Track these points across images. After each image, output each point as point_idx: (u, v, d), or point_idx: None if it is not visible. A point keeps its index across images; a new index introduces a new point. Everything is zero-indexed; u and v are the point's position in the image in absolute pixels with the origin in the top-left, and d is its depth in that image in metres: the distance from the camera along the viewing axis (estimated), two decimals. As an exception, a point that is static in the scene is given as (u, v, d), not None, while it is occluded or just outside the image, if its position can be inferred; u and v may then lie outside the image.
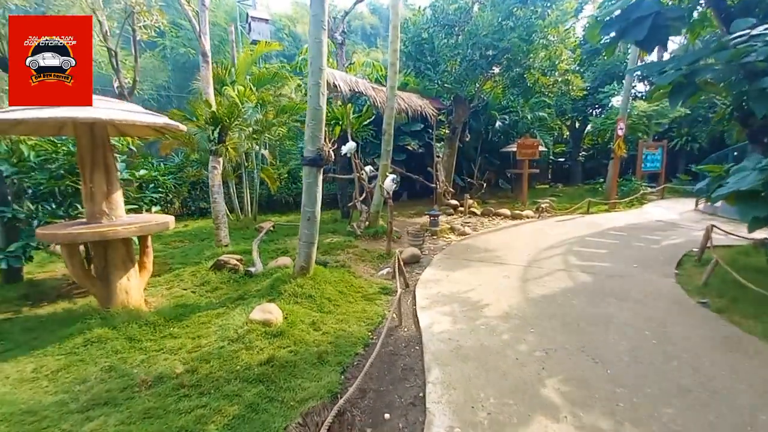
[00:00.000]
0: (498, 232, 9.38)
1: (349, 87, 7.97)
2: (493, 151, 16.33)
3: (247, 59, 9.12)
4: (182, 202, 11.28)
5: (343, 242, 7.51)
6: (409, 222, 10.77)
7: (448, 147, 12.46)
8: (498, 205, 13.30)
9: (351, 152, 8.33)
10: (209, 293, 5.20)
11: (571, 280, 5.74)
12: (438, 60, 10.25)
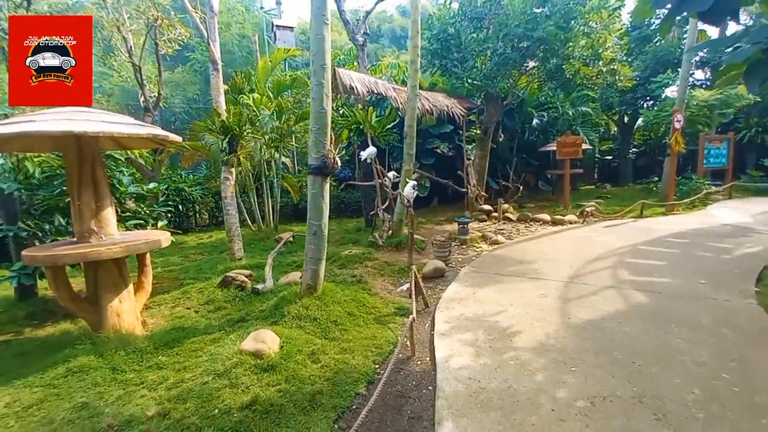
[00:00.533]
0: (535, 240, 8.48)
1: (367, 88, 7.49)
2: (530, 151, 15.25)
3: (266, 67, 8.94)
4: (209, 213, 11.32)
5: (363, 254, 6.99)
6: (438, 230, 10.08)
7: (479, 149, 11.66)
8: (536, 210, 12.28)
9: (372, 157, 7.82)
10: (211, 313, 4.86)
11: (623, 300, 4.85)
12: (465, 56, 9.55)
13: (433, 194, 14.20)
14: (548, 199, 15.00)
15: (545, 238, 8.63)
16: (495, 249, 7.84)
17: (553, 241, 8.24)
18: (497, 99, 11.28)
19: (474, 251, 7.86)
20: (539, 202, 14.06)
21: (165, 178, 10.31)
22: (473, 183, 11.19)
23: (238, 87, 8.42)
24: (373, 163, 8.02)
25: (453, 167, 13.23)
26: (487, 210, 11.24)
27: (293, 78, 8.97)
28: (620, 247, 7.43)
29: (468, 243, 8.32)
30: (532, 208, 12.64)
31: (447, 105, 9.50)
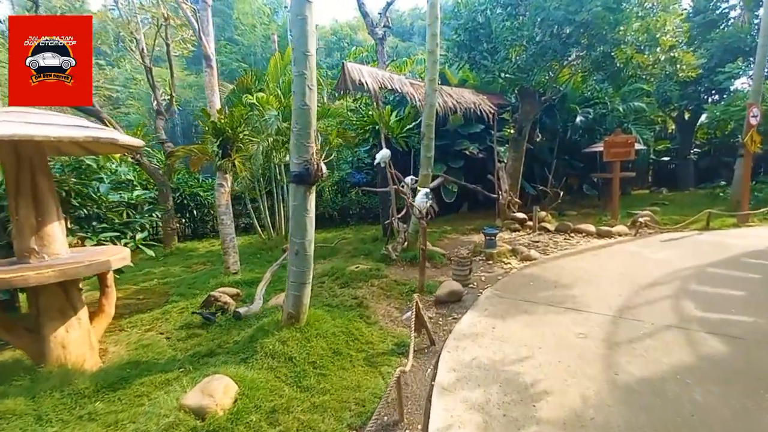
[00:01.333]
0: (576, 256, 7.28)
1: (379, 84, 6.69)
2: (573, 152, 13.78)
3: (277, 65, 8.39)
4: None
5: (371, 270, 6.19)
6: (463, 240, 9.07)
7: (513, 150, 10.50)
8: (579, 219, 10.92)
9: (385, 161, 7.01)
10: (181, 342, 4.25)
11: (690, 348, 3.71)
12: (497, 46, 8.50)
13: (463, 199, 13.15)
14: (594, 205, 13.47)
15: (588, 253, 7.41)
16: (526, 266, 6.76)
17: (597, 258, 7.01)
18: (534, 94, 10.08)
19: (501, 268, 6.82)
20: (583, 210, 12.62)
21: (180, 183, 10.10)
22: (505, 188, 10.06)
23: (245, 86, 7.94)
24: (387, 167, 7.20)
25: (484, 170, 12.09)
26: (520, 218, 10.06)
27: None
28: (683, 268, 6.12)
29: (495, 258, 7.28)
30: (574, 217, 11.28)
31: (474, 102, 8.49)
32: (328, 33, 24.10)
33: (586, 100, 12.74)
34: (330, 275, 6.20)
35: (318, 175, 3.77)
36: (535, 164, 13.00)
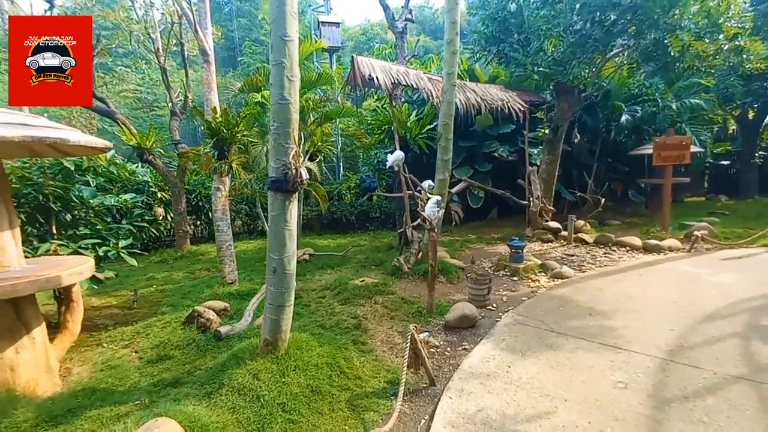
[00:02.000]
0: (618, 276, 6.31)
1: (392, 79, 6.07)
2: (618, 155, 12.52)
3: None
4: (242, 220, 10.77)
5: (378, 285, 5.58)
6: (488, 251, 8.26)
7: (547, 152, 9.53)
8: (623, 230, 9.78)
9: (399, 164, 6.38)
10: (152, 365, 3.82)
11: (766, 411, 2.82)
12: (529, 37, 7.64)
13: (491, 205, 12.24)
14: (640, 214, 12.14)
15: (632, 272, 6.41)
16: (557, 286, 5.90)
17: (643, 279, 6.02)
18: (572, 91, 9.09)
19: (527, 287, 6.01)
20: (627, 219, 11.37)
21: (197, 185, 9.94)
22: (537, 194, 9.13)
23: (255, 85, 7.59)
24: (400, 171, 6.56)
25: (515, 174, 11.18)
26: (553, 228, 9.09)
27: (319, 74, 7.91)
28: (752, 297, 5.06)
29: (521, 274, 6.47)
30: (617, 227, 10.14)
31: (501, 99, 7.65)
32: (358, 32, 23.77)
33: (633, 97, 11.47)
34: (332, 289, 5.65)
35: (297, 182, 3.21)
36: (574, 168, 11.90)
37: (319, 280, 6.28)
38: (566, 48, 7.68)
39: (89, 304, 5.55)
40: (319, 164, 13.58)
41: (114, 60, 17.96)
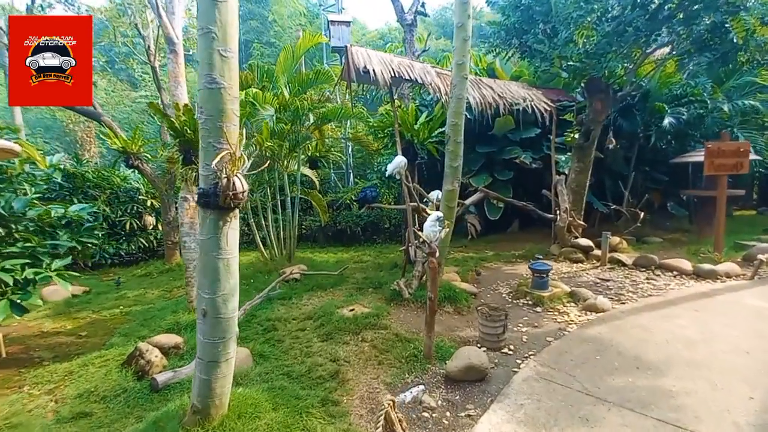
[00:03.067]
0: (667, 310, 5.13)
1: (391, 72, 5.16)
2: (656, 163, 11.16)
3: (287, 59, 7.22)
4: None
5: (369, 316, 4.65)
6: (507, 272, 7.19)
7: (577, 159, 8.39)
8: (665, 249, 8.51)
9: (401, 172, 5.45)
10: (60, 426, 3.00)
11: None
12: (557, 27, 6.62)
13: (512, 216, 11.10)
14: (683, 230, 10.72)
15: (685, 306, 5.21)
16: (591, 323, 4.80)
17: (701, 317, 4.83)
18: (607, 89, 7.95)
19: (554, 321, 4.93)
20: (668, 235, 10.02)
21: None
22: (564, 207, 7.99)
23: (246, 83, 6.87)
24: (402, 180, 5.64)
25: (540, 184, 10.04)
26: (584, 246, 7.92)
27: (317, 71, 7.12)
28: None
29: (546, 303, 5.40)
30: (658, 246, 8.85)
31: (524, 97, 6.60)
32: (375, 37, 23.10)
33: (676, 98, 10.13)
34: (315, 319, 4.75)
35: (230, 196, 2.33)
36: (607, 177, 10.65)
37: (304, 305, 5.39)
38: (601, 39, 6.60)
39: (39, 329, 4.87)
40: (327, 171, 12.87)
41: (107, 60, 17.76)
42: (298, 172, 7.38)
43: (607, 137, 8.84)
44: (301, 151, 7.49)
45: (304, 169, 8.04)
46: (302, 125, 7.09)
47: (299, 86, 7.03)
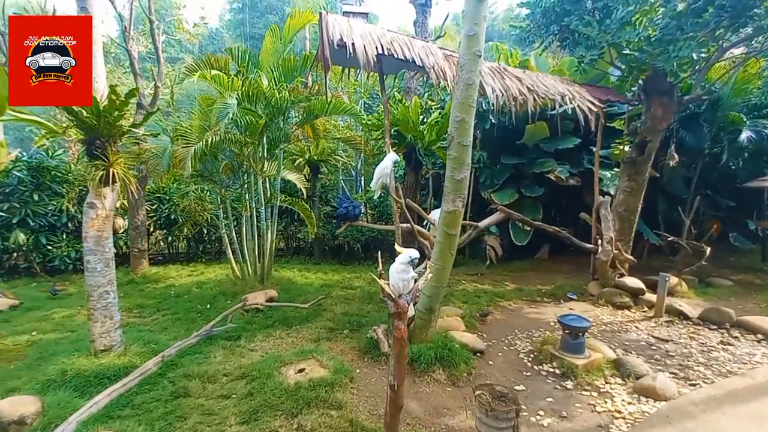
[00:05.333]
0: (761, 404, 3.45)
1: (379, 48, 3.79)
2: (722, 186, 9.24)
3: (274, 43, 6.03)
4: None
5: (322, 384, 3.28)
6: (529, 315, 5.65)
7: (627, 177, 6.73)
8: (737, 296, 6.70)
9: (386, 180, 4.09)
10: None
11: None
12: (609, 4, 5.09)
13: (542, 240, 9.42)
14: (754, 269, 8.70)
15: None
16: (649, 422, 3.22)
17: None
18: (671, 91, 6.29)
19: (592, 409, 3.40)
20: (737, 275, 8.07)
21: (170, 193, 8.28)
22: (609, 236, 6.34)
23: (218, 66, 5.72)
24: (391, 194, 4.27)
25: (577, 204, 8.37)
26: (633, 287, 6.22)
27: (305, 57, 5.91)
28: None
29: (580, 376, 3.86)
30: (728, 290, 6.98)
31: (562, 93, 5.03)
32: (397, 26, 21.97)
33: (756, 108, 8.25)
34: (248, 381, 3.42)
35: None
36: (661, 200, 8.82)
37: (251, 352, 4.10)
38: (669, 21, 5.01)
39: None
40: (334, 177, 11.64)
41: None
42: (277, 176, 6.16)
43: (667, 152, 7.11)
44: (282, 152, 6.26)
45: (288, 173, 6.82)
46: (286, 121, 5.88)
47: (284, 74, 5.83)
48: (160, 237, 9.11)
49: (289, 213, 9.48)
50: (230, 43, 21.01)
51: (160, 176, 5.88)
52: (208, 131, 4.78)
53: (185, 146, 4.75)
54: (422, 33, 6.38)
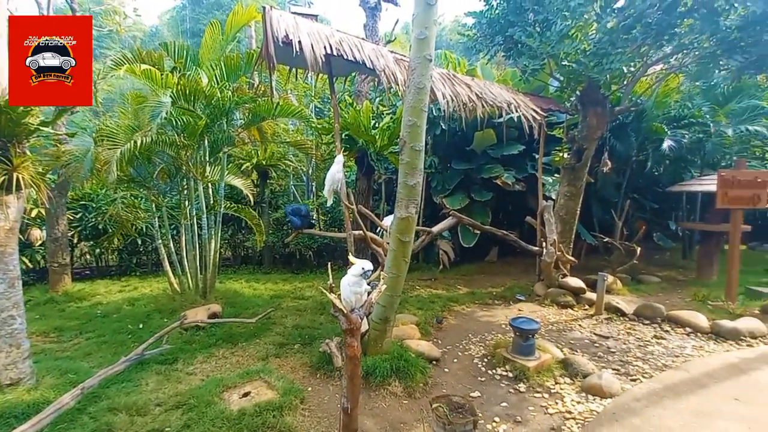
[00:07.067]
0: (698, 399, 3.69)
1: (326, 47, 3.66)
2: (645, 190, 10.09)
3: (215, 39, 5.65)
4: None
5: (270, 408, 3.03)
6: (481, 319, 5.72)
7: (567, 182, 7.11)
8: (665, 292, 7.28)
9: (337, 186, 3.93)
10: None
11: None
12: (550, 18, 5.35)
13: (490, 243, 9.70)
14: (677, 266, 9.60)
15: (720, 391, 3.79)
16: (597, 420, 3.31)
17: (750, 413, 3.41)
18: (604, 102, 6.75)
19: (544, 411, 3.45)
20: (663, 271, 8.84)
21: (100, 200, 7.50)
22: (552, 238, 6.63)
23: (151, 60, 5.24)
24: (342, 200, 4.11)
25: (523, 208, 8.74)
26: (575, 287, 6.55)
27: (250, 54, 5.59)
28: None
29: (532, 378, 3.92)
30: (657, 287, 7.58)
31: (508, 101, 5.22)
32: None
33: (674, 120, 9.11)
34: (184, 411, 3.08)
35: None
36: (596, 204, 9.44)
37: (189, 376, 3.72)
38: (603, 36, 5.35)
39: None
40: (285, 183, 11.23)
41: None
42: (221, 181, 5.76)
43: (600, 159, 7.61)
44: (226, 156, 5.88)
45: (233, 179, 6.42)
46: (230, 123, 5.51)
47: (227, 73, 5.47)
48: (86, 249, 8.18)
49: (235, 220, 8.96)
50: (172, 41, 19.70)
51: (81, 181, 5.26)
52: (138, 132, 4.33)
53: (112, 148, 4.26)
54: (372, 37, 6.32)
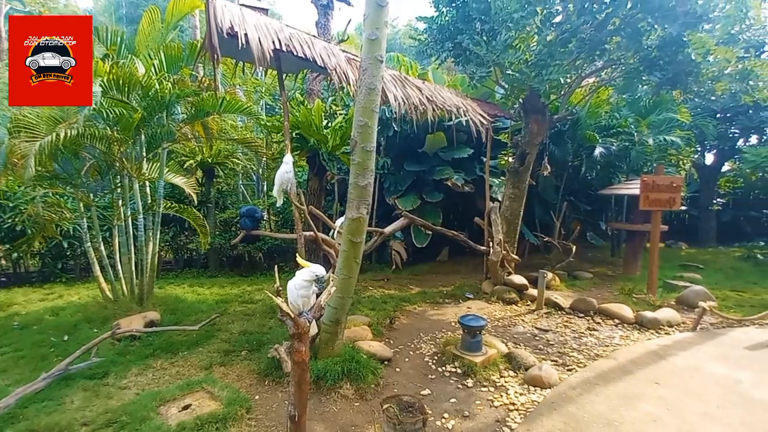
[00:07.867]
0: (625, 384, 4.03)
1: (275, 42, 3.57)
2: (579, 192, 10.90)
3: (154, 27, 5.27)
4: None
5: (213, 420, 2.87)
6: (432, 318, 5.84)
7: (512, 185, 7.48)
8: (596, 286, 7.88)
9: (287, 186, 3.82)
10: None
11: None
12: (495, 27, 5.61)
13: (441, 243, 9.97)
14: (606, 262, 10.47)
15: (643, 376, 4.18)
16: (538, 410, 3.51)
17: (667, 395, 3.79)
18: (544, 110, 7.18)
19: (490, 404, 3.59)
20: (595, 268, 9.58)
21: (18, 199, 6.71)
22: (498, 238, 6.95)
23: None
24: (292, 201, 4.01)
25: (471, 208, 9.08)
26: (518, 284, 6.90)
27: (192, 44, 5.28)
28: None
29: (479, 373, 4.07)
30: (590, 282, 8.20)
31: (456, 105, 5.43)
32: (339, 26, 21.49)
33: (604, 129, 9.93)
34: (116, 430, 2.84)
35: None
36: (537, 205, 10.03)
37: (122, 390, 3.44)
38: (542, 48, 5.70)
39: None
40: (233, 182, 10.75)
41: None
42: (160, 179, 5.38)
43: (541, 163, 8.10)
44: (166, 152, 5.51)
45: (173, 177, 6.02)
46: (170, 117, 5.17)
47: (166, 63, 5.13)
48: (1, 253, 7.29)
49: (178, 221, 8.42)
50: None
51: (-8, 178, 4.66)
52: (62, 123, 3.92)
53: (30, 140, 3.80)
54: (325, 35, 6.23)
